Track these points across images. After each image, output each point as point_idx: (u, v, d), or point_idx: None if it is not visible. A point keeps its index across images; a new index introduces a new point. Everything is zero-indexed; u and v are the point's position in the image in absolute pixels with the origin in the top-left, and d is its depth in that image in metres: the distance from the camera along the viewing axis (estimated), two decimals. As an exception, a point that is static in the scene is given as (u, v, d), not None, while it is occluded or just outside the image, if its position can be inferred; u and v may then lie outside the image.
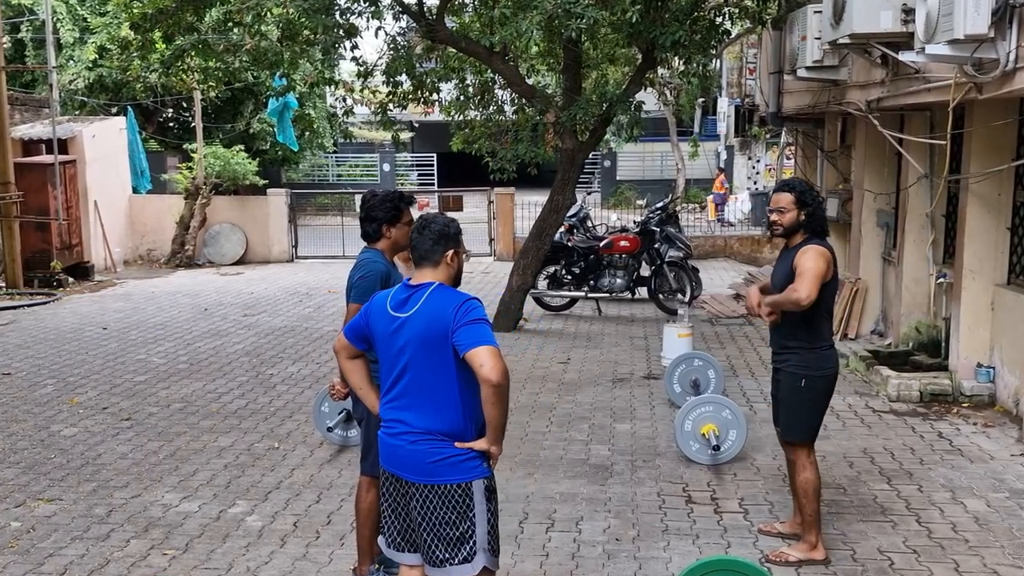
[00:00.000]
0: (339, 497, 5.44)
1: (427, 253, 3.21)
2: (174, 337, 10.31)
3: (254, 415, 7.22)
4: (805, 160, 12.27)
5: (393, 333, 3.18)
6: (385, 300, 3.26)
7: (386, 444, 3.25)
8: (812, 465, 4.46)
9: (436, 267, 3.21)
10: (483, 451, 3.16)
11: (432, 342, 3.09)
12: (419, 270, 3.23)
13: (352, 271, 4.33)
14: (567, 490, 5.51)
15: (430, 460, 3.12)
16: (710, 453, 5.82)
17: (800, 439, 4.46)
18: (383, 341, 3.24)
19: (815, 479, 4.44)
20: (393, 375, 3.21)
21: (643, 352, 9.37)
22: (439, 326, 3.07)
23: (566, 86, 10.39)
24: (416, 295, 3.17)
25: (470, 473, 3.14)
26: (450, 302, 3.11)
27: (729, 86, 21.85)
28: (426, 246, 3.20)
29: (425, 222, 3.25)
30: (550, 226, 10.59)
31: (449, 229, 3.23)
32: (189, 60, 10.51)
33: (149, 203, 18.04)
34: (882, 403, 7.26)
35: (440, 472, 3.13)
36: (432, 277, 3.20)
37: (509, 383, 3.08)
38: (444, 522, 3.12)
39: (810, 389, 4.37)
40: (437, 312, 3.09)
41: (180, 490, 5.59)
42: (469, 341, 3.02)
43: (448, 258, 3.22)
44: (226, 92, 20.06)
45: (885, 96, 7.63)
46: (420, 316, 3.12)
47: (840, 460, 5.96)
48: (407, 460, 3.17)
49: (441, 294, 3.15)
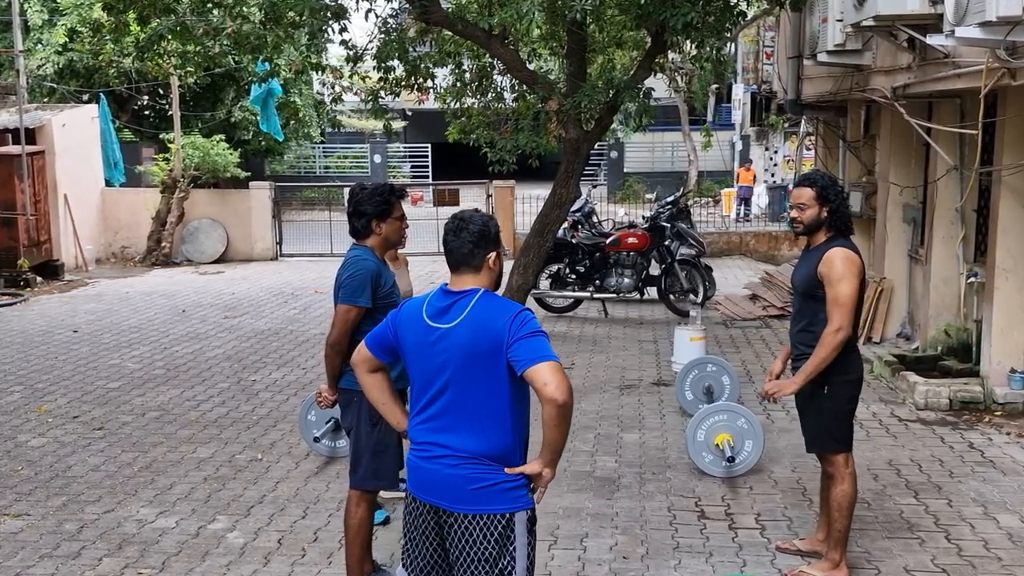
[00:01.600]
0: (327, 512, 5.44)
1: (466, 257, 3.07)
2: (150, 341, 10.31)
3: (236, 424, 7.22)
4: (826, 151, 12.27)
5: (431, 345, 3.04)
6: (420, 308, 3.11)
7: (420, 469, 3.10)
8: (851, 477, 4.43)
9: (477, 273, 3.07)
10: (535, 474, 3.06)
11: (481, 356, 2.96)
12: (457, 276, 3.09)
13: (340, 270, 4.34)
14: (571, 505, 5.51)
15: (473, 487, 3.01)
16: (724, 465, 5.82)
17: (830, 449, 4.44)
18: (417, 354, 3.10)
19: (852, 492, 4.42)
20: (431, 392, 3.07)
21: (653, 357, 9.37)
22: (491, 338, 2.95)
23: (570, 72, 10.39)
24: (460, 303, 3.03)
25: (515, 503, 3.04)
26: (502, 312, 2.98)
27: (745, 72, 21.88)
28: (465, 250, 3.06)
29: (461, 222, 3.09)
30: (553, 222, 10.57)
31: (489, 229, 3.10)
32: (166, 44, 10.50)
33: (123, 197, 18.04)
34: (909, 411, 7.26)
35: (484, 500, 3.01)
36: (474, 283, 3.06)
37: (574, 402, 3.00)
38: (483, 558, 3.00)
39: (833, 396, 4.37)
40: (487, 323, 2.97)
41: (156, 505, 5.59)
42: (530, 356, 2.91)
43: (490, 262, 3.09)
44: (205, 78, 20.10)
45: (912, 82, 7.63)
46: (466, 327, 2.98)
47: (864, 473, 5.95)
48: (447, 486, 3.03)
49: (490, 303, 3.02)
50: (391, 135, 12.77)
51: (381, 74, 10.54)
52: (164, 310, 12.26)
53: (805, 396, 4.44)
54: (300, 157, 31.67)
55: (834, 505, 4.45)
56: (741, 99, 24.11)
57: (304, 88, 24.97)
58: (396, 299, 4.41)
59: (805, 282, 4.40)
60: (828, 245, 4.35)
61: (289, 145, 27.08)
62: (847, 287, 4.23)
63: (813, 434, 4.47)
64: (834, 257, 4.28)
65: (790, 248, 16.77)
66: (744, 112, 23.67)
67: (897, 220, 9.49)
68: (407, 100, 12.95)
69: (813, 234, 4.43)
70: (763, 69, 15.19)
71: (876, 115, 9.96)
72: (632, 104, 10.06)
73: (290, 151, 28.98)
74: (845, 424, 4.44)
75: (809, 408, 4.46)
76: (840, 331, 4.22)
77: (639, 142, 30.42)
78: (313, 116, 25.84)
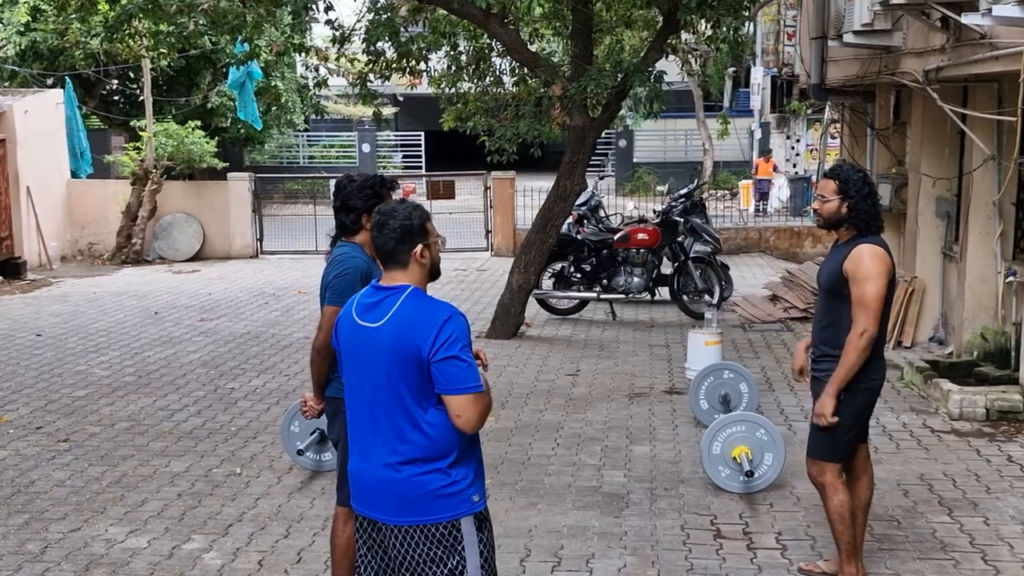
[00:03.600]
0: (311, 531, 5.44)
1: (391, 254, 3.21)
2: (119, 345, 10.32)
3: (212, 436, 7.22)
4: (852, 139, 12.27)
5: (358, 344, 3.19)
6: (352, 305, 3.28)
7: (355, 477, 3.26)
8: (845, 487, 4.50)
9: (405, 268, 3.21)
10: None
11: (405, 360, 3.09)
12: (387, 272, 3.24)
13: (327, 269, 4.34)
14: (576, 523, 5.51)
15: (411, 494, 3.12)
16: (742, 480, 5.82)
17: (829, 457, 4.48)
18: (347, 353, 3.26)
19: (848, 499, 4.48)
20: (361, 393, 3.21)
21: (664, 363, 9.38)
22: (414, 342, 3.07)
23: (575, 53, 10.40)
24: (387, 301, 3.17)
25: (457, 508, 3.14)
26: (428, 318, 3.09)
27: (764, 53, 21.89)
28: (389, 247, 3.20)
29: (382, 218, 3.23)
30: (556, 216, 10.59)
31: (412, 222, 3.21)
32: (137, 23, 10.51)
33: (90, 189, 18.04)
34: (942, 422, 7.27)
35: (421, 508, 3.12)
36: (403, 279, 3.20)
37: (486, 416, 3.15)
38: (429, 560, 3.12)
39: (849, 403, 4.39)
40: (412, 326, 3.09)
41: (126, 523, 5.59)
42: (448, 386, 3.07)
43: (417, 255, 3.20)
44: (180, 60, 20.08)
45: (945, 65, 7.63)
46: (391, 328, 3.11)
47: (893, 488, 5.96)
48: (383, 495, 3.16)
49: (416, 304, 3.14)
50: (381, 122, 12.78)
51: (370, 56, 10.55)
52: (135, 312, 12.26)
53: (819, 399, 4.45)
54: (282, 146, 31.64)
55: (835, 519, 4.50)
56: (760, 83, 24.13)
57: (286, 71, 24.93)
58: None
59: (830, 279, 4.44)
60: (856, 241, 4.38)
61: (270, 133, 27.05)
62: (873, 287, 4.26)
63: (819, 439, 4.48)
64: (862, 254, 4.31)
65: (813, 245, 16.78)
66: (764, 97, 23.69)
67: (929, 214, 9.49)
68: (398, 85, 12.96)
69: (836, 228, 4.47)
70: (784, 51, 15.20)
71: (907, 101, 9.96)
72: (642, 89, 10.07)
73: (271, 140, 28.94)
74: (852, 433, 4.48)
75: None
76: (865, 333, 4.26)
77: (650, 130, 30.41)
78: (296, 102, 25.81)
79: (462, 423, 3.08)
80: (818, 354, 4.55)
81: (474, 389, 3.07)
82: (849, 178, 4.41)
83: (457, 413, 3.07)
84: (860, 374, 4.35)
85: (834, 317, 4.40)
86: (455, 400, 3.07)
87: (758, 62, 24.37)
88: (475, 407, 3.07)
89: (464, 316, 3.17)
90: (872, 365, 4.40)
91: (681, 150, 32.13)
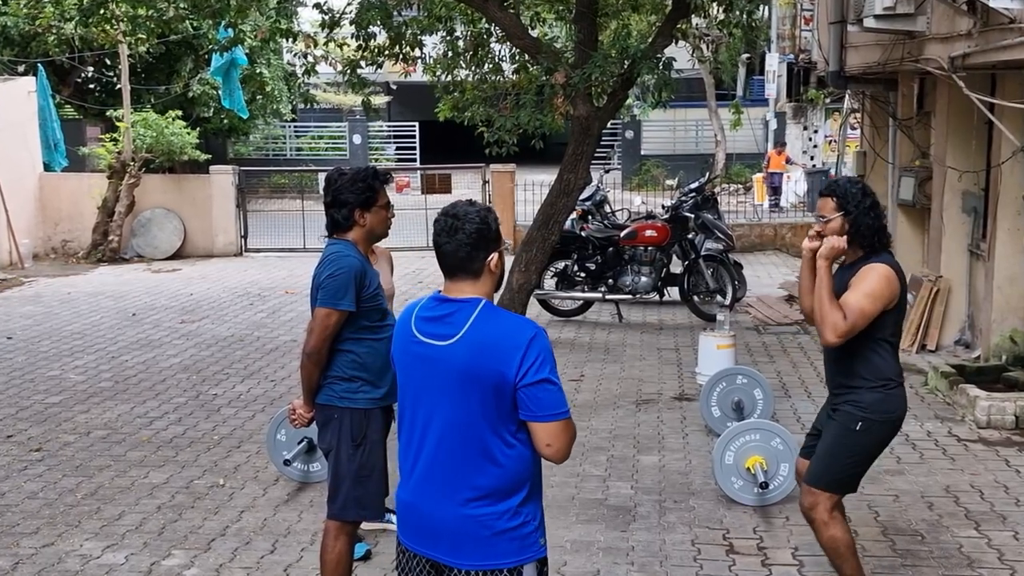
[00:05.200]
0: (299, 546, 5.45)
1: (463, 262, 3.00)
2: (95, 349, 10.32)
3: (194, 445, 7.22)
4: (873, 130, 12.27)
5: (422, 364, 3.03)
6: (410, 319, 3.09)
7: (412, 511, 3.08)
8: (836, 521, 4.41)
9: (477, 279, 3.02)
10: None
11: (481, 383, 2.93)
12: (452, 282, 3.04)
13: (318, 268, 4.33)
14: (580, 537, 5.52)
15: (476, 533, 2.97)
16: (756, 492, 5.83)
17: (829, 487, 4.41)
18: (405, 371, 3.09)
19: (844, 535, 4.41)
20: (420, 417, 3.05)
21: (674, 367, 9.39)
22: (495, 368, 2.92)
23: (579, 39, 10.39)
24: (457, 316, 2.98)
25: (524, 552, 3.00)
26: (510, 336, 2.94)
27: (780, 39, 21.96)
28: (462, 253, 2.99)
29: (456, 221, 3.01)
30: (559, 212, 10.58)
31: (489, 226, 3.02)
32: (113, 6, 10.51)
33: (64, 183, 18.04)
34: (968, 430, 7.27)
35: (488, 550, 2.97)
36: (472, 291, 3.02)
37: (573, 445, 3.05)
38: None
39: (865, 433, 4.34)
40: (493, 346, 2.93)
41: (103, 537, 5.59)
42: (540, 413, 2.93)
43: (491, 265, 3.03)
44: (159, 46, 20.04)
45: (972, 51, 7.63)
46: (465, 347, 2.95)
47: (917, 501, 5.97)
48: (444, 534, 3.00)
49: (495, 319, 2.98)
50: (372, 112, 12.76)
51: (361, 42, 10.54)
52: (111, 313, 12.26)
53: (834, 427, 4.42)
54: (268, 137, 31.66)
55: (831, 554, 4.44)
56: (776, 71, 24.13)
57: (272, 58, 24.97)
58: (382, 302, 4.42)
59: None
60: (865, 261, 4.32)
61: (255, 124, 27.06)
62: (868, 304, 4.19)
63: (824, 466, 4.40)
64: (872, 271, 4.25)
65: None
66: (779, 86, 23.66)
67: (955, 210, 9.49)
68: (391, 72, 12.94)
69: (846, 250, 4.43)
70: (801, 36, 15.21)
71: (931, 89, 9.97)
72: (650, 76, 10.07)
73: (257, 131, 28.96)
74: (862, 467, 4.44)
75: (832, 438, 4.40)
76: (833, 331, 4.18)
77: (658, 120, 30.44)
78: (283, 90, 25.81)
79: (551, 452, 2.96)
80: (834, 386, 4.48)
81: (565, 415, 2.96)
82: (847, 192, 4.35)
83: (548, 442, 2.95)
84: (879, 403, 4.31)
85: (847, 347, 4.32)
86: (545, 428, 2.94)
87: (773, 48, 24.42)
88: (566, 434, 2.97)
89: (546, 331, 3.04)
90: (893, 394, 4.35)
91: (692, 142, 32.16)
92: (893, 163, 11.37)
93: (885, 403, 4.34)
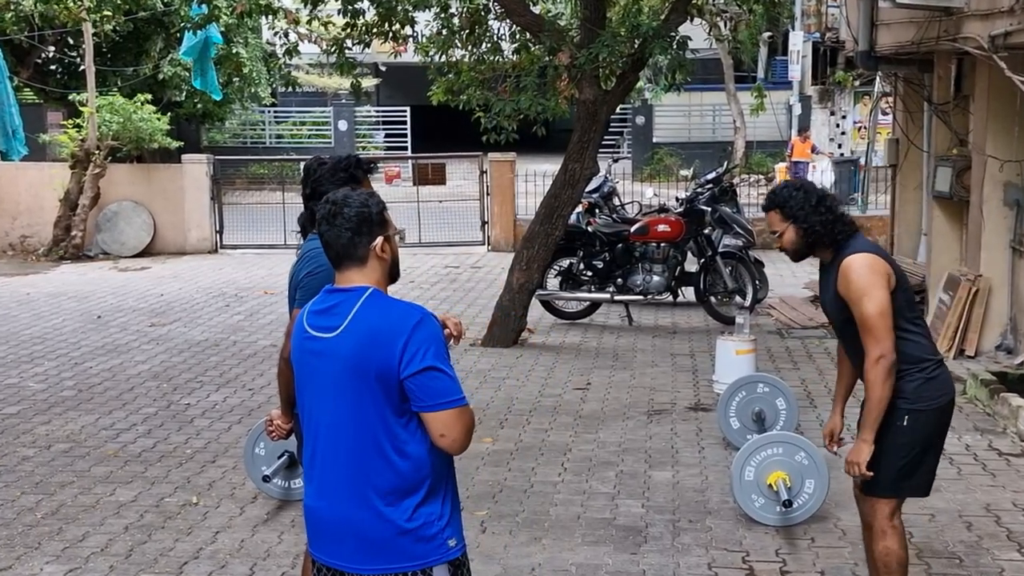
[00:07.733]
0: (279, 569, 5.44)
1: (346, 248, 3.14)
2: (57, 354, 10.32)
3: (164, 459, 7.22)
4: (906, 116, 12.28)
5: (311, 358, 3.16)
6: (303, 313, 3.25)
7: (311, 516, 3.21)
8: (895, 531, 4.44)
9: (363, 265, 3.16)
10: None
11: (368, 375, 3.05)
12: (341, 272, 3.18)
13: (296, 266, 4.33)
14: (586, 560, 5.51)
15: (378, 536, 3.07)
16: (779, 511, 5.82)
17: (886, 493, 4.44)
18: (298, 367, 3.23)
19: (899, 550, 4.43)
20: (315, 415, 3.18)
21: (689, 375, 9.39)
22: (380, 357, 3.03)
23: (585, 16, 10.40)
24: (343, 306, 3.12)
25: (429, 554, 3.10)
26: (394, 324, 3.06)
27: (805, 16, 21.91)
28: (343, 240, 3.13)
29: (333, 208, 3.15)
30: (563, 205, 10.59)
31: (369, 210, 3.16)
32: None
33: (23, 174, 18.05)
34: (1011, 443, 7.27)
35: (390, 553, 3.07)
36: (361, 280, 3.15)
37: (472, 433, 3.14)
38: None
39: (913, 429, 4.35)
40: (376, 335, 3.05)
41: (65, 560, 5.58)
42: (429, 401, 3.04)
43: (377, 249, 3.16)
44: (127, 24, 20.06)
45: (1015, 29, 7.63)
46: (350, 337, 3.08)
47: (954, 520, 5.96)
48: (343, 538, 3.12)
49: (378, 307, 3.10)
50: (360, 96, 12.76)
51: (347, 19, 10.55)
52: (74, 316, 12.26)
53: (881, 428, 4.42)
54: (245, 124, 31.72)
55: (880, 566, 4.46)
56: (800, 51, 24.17)
57: (251, 37, 24.97)
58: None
59: (836, 308, 4.45)
60: (840, 256, 4.39)
61: (232, 109, 27.09)
62: (871, 304, 4.23)
63: (876, 470, 4.42)
64: (847, 270, 4.31)
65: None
66: (804, 67, 23.71)
67: (996, 203, 9.49)
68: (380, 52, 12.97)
69: (813, 253, 4.50)
70: (827, 13, 15.20)
71: (970, 71, 9.96)
72: (663, 57, 10.08)
73: (233, 116, 29.00)
74: (920, 465, 4.43)
75: (883, 443, 4.43)
76: (882, 360, 4.24)
77: (672, 105, 30.44)
78: (262, 72, 25.83)
79: (447, 443, 3.06)
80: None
81: (458, 403, 3.05)
82: (788, 199, 4.45)
83: (441, 432, 3.05)
84: (922, 390, 4.33)
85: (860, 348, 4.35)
86: (438, 417, 3.04)
87: (797, 26, 24.38)
88: (461, 422, 3.06)
89: (436, 317, 3.15)
90: (935, 376, 4.36)
91: (708, 128, 32.20)
92: (928, 152, 11.36)
93: (928, 388, 4.35)
